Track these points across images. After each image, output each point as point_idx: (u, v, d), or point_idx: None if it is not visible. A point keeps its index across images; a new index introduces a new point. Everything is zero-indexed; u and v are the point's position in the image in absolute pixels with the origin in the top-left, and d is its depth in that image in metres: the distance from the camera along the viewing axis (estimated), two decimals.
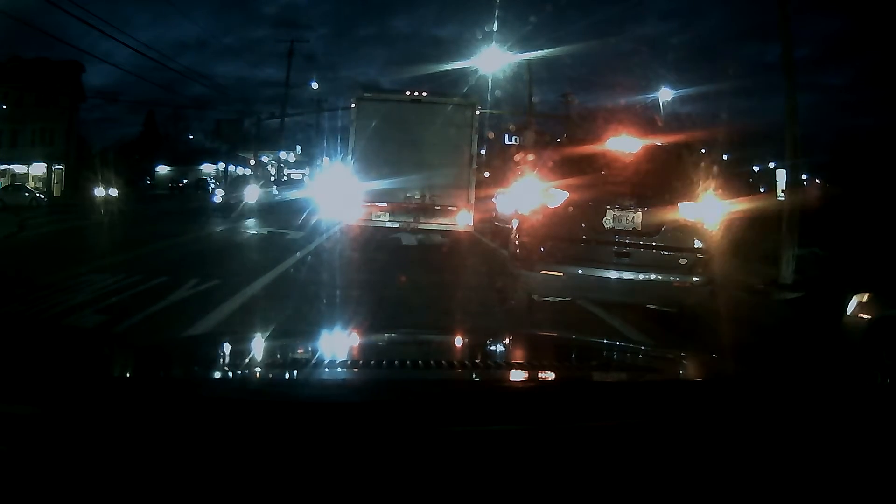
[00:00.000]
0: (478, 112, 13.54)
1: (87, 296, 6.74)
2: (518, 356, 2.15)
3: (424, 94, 13.47)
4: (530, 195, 6.39)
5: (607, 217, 5.99)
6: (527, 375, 1.71)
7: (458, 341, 2.46)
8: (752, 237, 14.10)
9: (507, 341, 2.49)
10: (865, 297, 4.65)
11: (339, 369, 1.69)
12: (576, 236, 6.07)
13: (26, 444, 1.08)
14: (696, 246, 6.05)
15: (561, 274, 5.96)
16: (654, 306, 6.19)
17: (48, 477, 1.03)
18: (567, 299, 6.59)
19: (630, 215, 5.98)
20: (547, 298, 6.38)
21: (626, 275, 5.93)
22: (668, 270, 5.95)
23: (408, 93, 13.50)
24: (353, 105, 13.30)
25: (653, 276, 5.95)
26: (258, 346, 2.07)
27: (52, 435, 1.10)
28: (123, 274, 7.84)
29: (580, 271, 5.98)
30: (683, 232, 6.02)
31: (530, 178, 6.66)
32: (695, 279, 5.93)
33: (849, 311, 4.70)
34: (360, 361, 1.85)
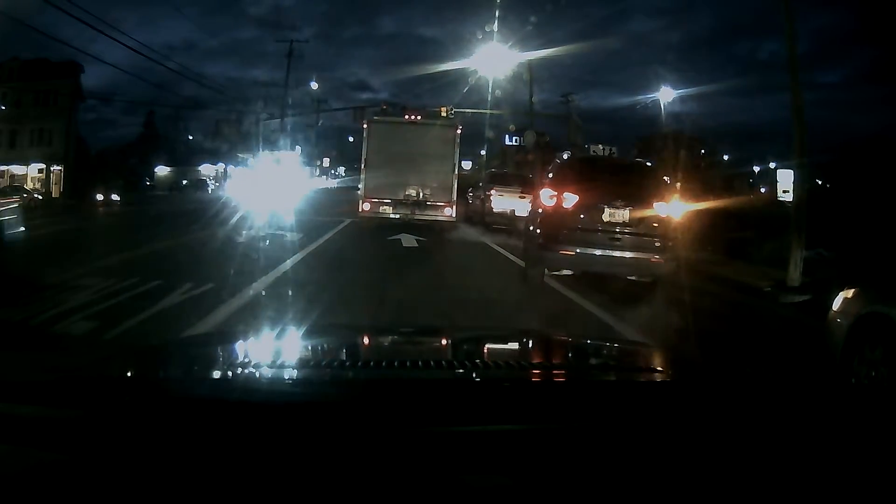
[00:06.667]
0: (459, 130, 17.47)
1: (81, 299, 6.65)
2: (516, 355, 2.14)
3: (419, 117, 18.50)
4: (549, 198, 8.70)
5: (604, 213, 8.26)
6: (524, 375, 1.70)
7: (456, 340, 2.39)
8: (753, 238, 13.97)
9: (505, 340, 2.46)
10: (850, 292, 4.42)
11: (334, 368, 1.63)
12: (582, 226, 8.29)
13: (25, 444, 1.10)
14: (666, 234, 8.29)
15: (571, 253, 8.20)
16: (634, 277, 8.59)
17: (45, 477, 1.04)
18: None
19: (620, 212, 8.24)
20: (556, 273, 8.88)
21: (617, 254, 8.22)
22: (646, 251, 8.18)
23: (406, 116, 18.54)
24: (365, 126, 17.71)
25: (636, 255, 8.21)
26: (252, 345, 2.04)
27: (49, 435, 1.11)
28: (115, 278, 7.72)
29: (585, 251, 8.20)
30: (658, 224, 8.28)
31: (548, 186, 8.98)
32: (665, 256, 8.22)
33: (834, 307, 4.48)
34: (358, 360, 1.82)
